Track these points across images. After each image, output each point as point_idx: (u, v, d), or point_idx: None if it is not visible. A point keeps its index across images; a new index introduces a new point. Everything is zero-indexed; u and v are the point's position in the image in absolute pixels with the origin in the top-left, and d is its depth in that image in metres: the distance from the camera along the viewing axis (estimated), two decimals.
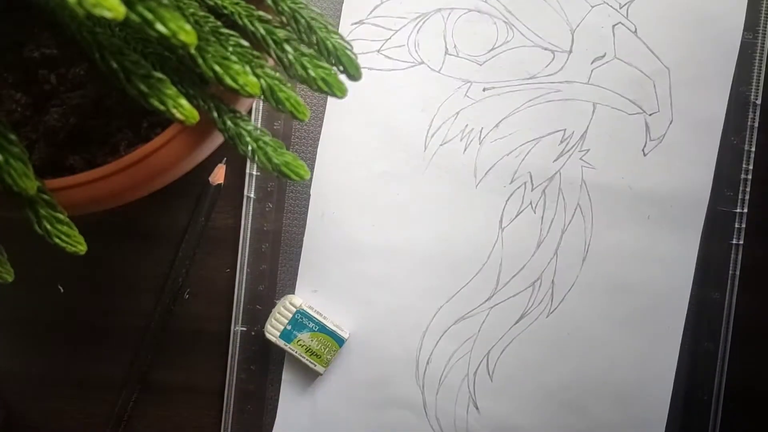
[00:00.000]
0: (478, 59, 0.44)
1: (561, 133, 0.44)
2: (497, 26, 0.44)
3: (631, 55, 0.44)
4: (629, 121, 0.44)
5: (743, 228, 0.44)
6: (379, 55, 0.44)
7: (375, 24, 0.44)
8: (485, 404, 0.45)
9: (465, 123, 0.44)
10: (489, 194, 0.44)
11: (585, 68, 0.44)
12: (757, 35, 0.45)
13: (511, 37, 0.44)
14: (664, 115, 0.44)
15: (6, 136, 0.25)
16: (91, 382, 0.44)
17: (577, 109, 0.44)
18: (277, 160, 0.28)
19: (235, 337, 0.44)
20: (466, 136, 0.44)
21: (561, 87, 0.44)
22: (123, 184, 0.30)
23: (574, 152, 0.44)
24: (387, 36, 0.44)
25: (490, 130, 0.44)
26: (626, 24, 0.44)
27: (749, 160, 0.45)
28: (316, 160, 0.44)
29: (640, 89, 0.44)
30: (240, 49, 0.27)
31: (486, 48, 0.44)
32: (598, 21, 0.44)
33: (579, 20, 0.44)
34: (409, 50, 0.44)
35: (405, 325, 0.44)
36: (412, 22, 0.44)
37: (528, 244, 0.44)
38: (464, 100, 0.44)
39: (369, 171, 0.44)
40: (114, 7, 0.20)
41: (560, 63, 0.44)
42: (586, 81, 0.44)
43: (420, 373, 0.44)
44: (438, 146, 0.44)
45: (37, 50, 0.32)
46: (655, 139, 0.44)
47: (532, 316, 0.45)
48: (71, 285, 0.44)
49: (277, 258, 0.44)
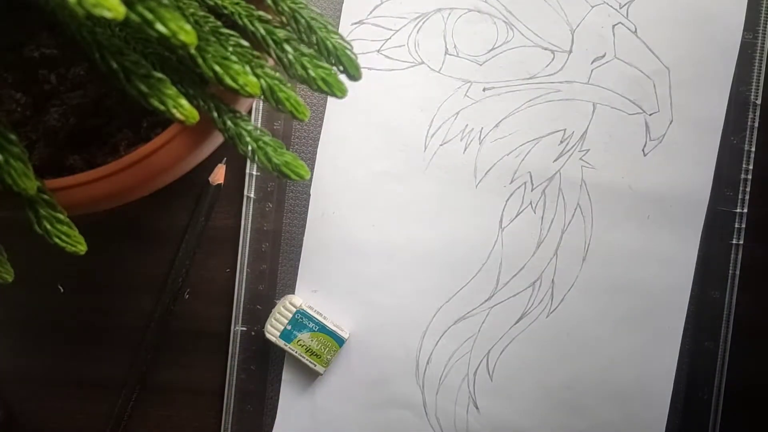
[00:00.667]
0: (478, 59, 0.44)
1: (561, 133, 0.44)
2: (497, 26, 0.44)
3: (631, 55, 0.44)
4: (629, 121, 0.44)
5: (743, 228, 0.44)
6: (379, 55, 0.44)
7: (375, 24, 0.44)
8: (485, 404, 0.45)
9: (465, 123, 0.44)
10: (489, 194, 0.44)
11: (585, 68, 0.44)
12: (757, 35, 0.45)
13: (511, 37, 0.44)
14: (664, 115, 0.44)
15: (6, 136, 0.25)
16: (91, 382, 0.44)
17: (577, 109, 0.44)
18: (277, 160, 0.28)
19: (235, 337, 0.44)
20: (466, 136, 0.44)
21: (561, 87, 0.44)
22: (123, 184, 0.30)
23: (574, 152, 0.44)
24: (387, 36, 0.44)
25: (490, 130, 0.44)
26: (626, 24, 0.44)
27: (749, 160, 0.45)
28: (316, 160, 0.44)
29: (640, 89, 0.44)
30: (240, 49, 0.27)
31: (486, 48, 0.44)
32: (598, 21, 0.44)
33: (579, 20, 0.44)
34: (409, 50, 0.44)
35: (405, 325, 0.44)
36: (412, 22, 0.44)
37: (528, 244, 0.44)
38: (464, 100, 0.44)
39: (369, 171, 0.44)
40: (114, 7, 0.20)
41: (560, 63, 0.44)
42: (586, 81, 0.44)
43: (420, 373, 0.44)
44: (438, 146, 0.44)
45: (37, 50, 0.32)
46: (655, 139, 0.45)
47: (532, 315, 0.45)
48: (71, 285, 0.44)
49: (277, 258, 0.44)
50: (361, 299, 0.44)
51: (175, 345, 0.44)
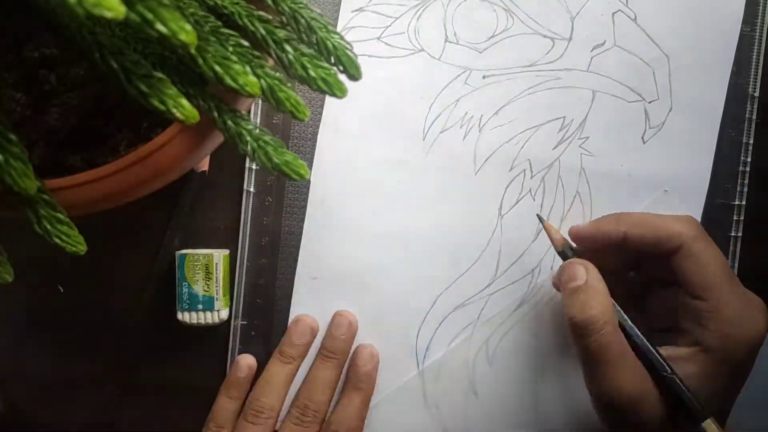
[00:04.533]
0: (478, 46, 0.44)
1: (560, 120, 0.44)
2: (497, 13, 0.44)
3: (631, 43, 0.44)
4: (628, 109, 0.44)
5: (742, 220, 0.45)
6: (379, 42, 0.44)
7: (375, 11, 0.43)
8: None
9: (464, 110, 0.44)
10: (488, 181, 0.44)
11: (585, 56, 0.44)
12: (755, 28, 0.45)
13: (511, 24, 0.44)
14: (664, 102, 0.44)
15: (6, 136, 0.25)
16: (90, 381, 0.44)
17: (577, 96, 0.44)
18: (278, 160, 0.28)
19: (235, 331, 0.44)
20: (465, 124, 0.44)
21: (561, 74, 0.44)
22: (123, 184, 0.30)
23: (574, 140, 0.44)
24: (387, 23, 0.44)
25: (490, 117, 0.44)
26: (626, 11, 0.44)
27: (747, 152, 0.45)
28: (316, 148, 0.44)
29: (639, 77, 0.44)
30: (240, 49, 0.27)
31: (486, 35, 0.44)
32: (597, 8, 0.44)
33: (579, 8, 0.44)
34: (409, 37, 0.44)
35: (404, 312, 0.44)
36: (412, 9, 0.43)
37: (527, 231, 0.45)
38: (464, 87, 0.44)
39: (369, 158, 0.44)
40: (114, 7, 0.20)
41: (560, 50, 0.44)
42: (585, 68, 0.44)
43: (419, 360, 0.45)
44: (438, 134, 0.44)
45: (37, 50, 0.32)
46: (655, 127, 0.45)
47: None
48: (71, 285, 0.44)
49: (277, 251, 0.44)
50: (361, 286, 0.44)
51: (175, 344, 0.44)
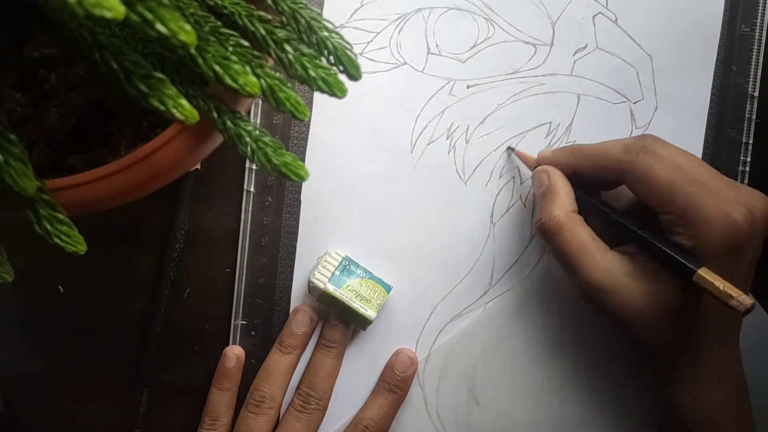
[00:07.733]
0: (461, 57, 0.44)
1: (547, 125, 0.44)
2: (477, 23, 0.44)
3: (613, 45, 0.44)
4: (614, 110, 0.45)
5: None
6: (362, 58, 0.44)
7: (356, 27, 0.44)
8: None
9: (450, 121, 0.44)
10: (478, 190, 0.44)
11: (567, 60, 0.44)
12: (754, 28, 0.45)
13: (492, 33, 0.44)
14: (649, 102, 0.45)
15: (6, 136, 0.25)
16: (91, 381, 0.44)
17: (562, 101, 0.44)
18: (277, 161, 0.28)
19: (235, 331, 0.44)
20: (452, 134, 0.44)
21: (544, 80, 0.44)
22: (123, 184, 0.29)
23: (561, 144, 0.44)
24: (369, 38, 0.44)
25: (476, 126, 0.44)
26: (606, 14, 0.44)
27: (747, 152, 0.45)
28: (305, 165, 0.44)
29: (623, 78, 0.44)
30: (240, 49, 0.27)
31: (468, 45, 0.44)
32: (578, 12, 0.44)
33: (559, 12, 0.44)
34: (392, 52, 0.44)
35: (402, 324, 0.44)
36: (392, 23, 0.44)
37: (520, 237, 0.45)
38: (449, 98, 0.44)
39: (357, 173, 0.44)
40: (114, 7, 0.20)
41: (542, 56, 0.44)
42: (569, 73, 0.44)
43: (420, 371, 0.45)
44: (425, 146, 0.44)
45: (37, 50, 0.32)
46: (641, 127, 0.45)
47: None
48: (71, 285, 0.44)
49: (277, 251, 0.44)
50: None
51: (176, 344, 0.44)
